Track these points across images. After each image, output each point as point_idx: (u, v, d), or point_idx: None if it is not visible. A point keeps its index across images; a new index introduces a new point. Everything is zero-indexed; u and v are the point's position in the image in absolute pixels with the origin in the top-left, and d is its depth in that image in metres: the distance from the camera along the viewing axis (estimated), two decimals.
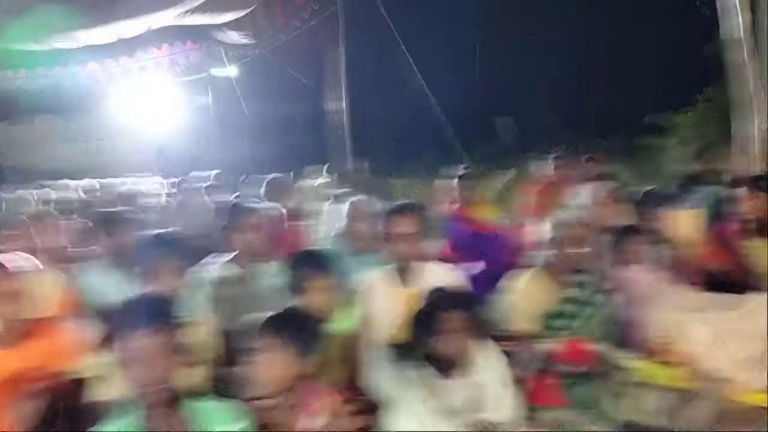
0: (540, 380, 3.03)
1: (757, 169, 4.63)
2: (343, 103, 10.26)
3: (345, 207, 4.59)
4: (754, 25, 5.59)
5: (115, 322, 2.00)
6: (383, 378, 3.06)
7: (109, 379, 2.45)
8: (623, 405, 2.88)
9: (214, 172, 10.52)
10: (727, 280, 3.95)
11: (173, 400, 2.01)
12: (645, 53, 14.71)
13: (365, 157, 12.27)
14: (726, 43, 9.30)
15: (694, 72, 10.25)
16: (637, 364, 3.29)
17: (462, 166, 7.51)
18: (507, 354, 2.84)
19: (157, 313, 2.00)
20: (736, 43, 5.14)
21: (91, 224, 5.60)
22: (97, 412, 2.70)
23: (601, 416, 2.88)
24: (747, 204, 3.94)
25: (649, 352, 3.42)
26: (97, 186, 10.52)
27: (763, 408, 2.97)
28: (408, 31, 10.39)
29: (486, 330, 2.78)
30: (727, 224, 4.28)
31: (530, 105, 16.97)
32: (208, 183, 8.63)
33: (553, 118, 15.90)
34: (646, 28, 14.47)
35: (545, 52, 16.82)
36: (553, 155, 6.69)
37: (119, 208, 5.27)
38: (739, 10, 4.67)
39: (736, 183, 5.19)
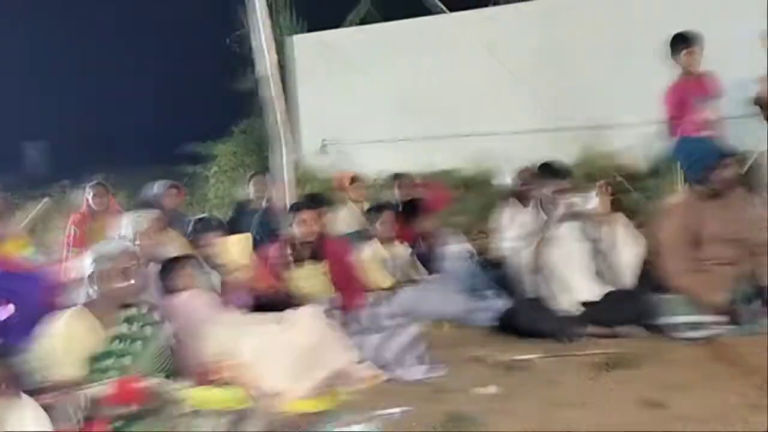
0: (90, 428, 2.73)
1: (290, 196, 5.06)
2: None
3: None
4: (281, 65, 6.20)
5: None
6: None
7: None
8: None
9: None
10: (273, 301, 4.22)
11: None
12: (186, 85, 15.11)
13: None
14: (258, 80, 10.09)
15: (233, 104, 10.91)
16: (190, 393, 3.24)
17: None
18: (48, 407, 2.48)
19: None
20: (266, 81, 5.57)
21: None
22: None
23: None
24: (293, 228, 4.28)
25: (201, 377, 3.42)
26: None
27: (309, 414, 3.22)
28: None
29: (20, 384, 2.37)
30: (271, 248, 4.58)
31: (67, 131, 15.82)
32: None
33: (92, 145, 15.10)
34: (188, 62, 14.90)
35: (87, 77, 15.93)
36: (92, 183, 6.27)
37: None
38: (266, 51, 5.08)
39: (274, 209, 5.63)
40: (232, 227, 6.05)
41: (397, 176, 5.86)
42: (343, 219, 5.73)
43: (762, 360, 3.44)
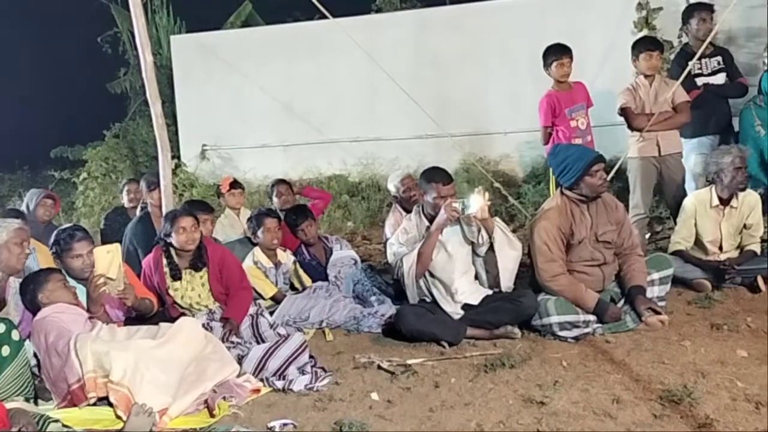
0: None
1: (168, 203, 4.84)
2: None
3: None
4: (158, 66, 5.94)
5: None
6: None
7: None
8: None
9: None
10: (148, 314, 4.01)
11: None
12: (54, 86, 14.18)
13: None
14: (131, 82, 9.62)
15: (105, 107, 10.35)
16: (60, 414, 3.02)
17: None
18: None
19: None
20: (142, 83, 5.32)
21: None
22: None
23: None
24: (171, 236, 4.09)
25: (72, 397, 3.20)
26: None
27: (189, 430, 3.08)
28: None
29: None
30: (147, 258, 4.36)
31: None
32: None
33: None
34: (56, 61, 13.98)
35: None
36: None
37: None
38: (142, 52, 4.84)
39: (150, 217, 5.38)
40: (104, 237, 5.75)
41: (275, 183, 5.78)
42: (222, 226, 5.58)
43: (626, 356, 3.66)
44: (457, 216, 4.03)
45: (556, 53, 5.33)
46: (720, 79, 5.48)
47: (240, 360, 3.65)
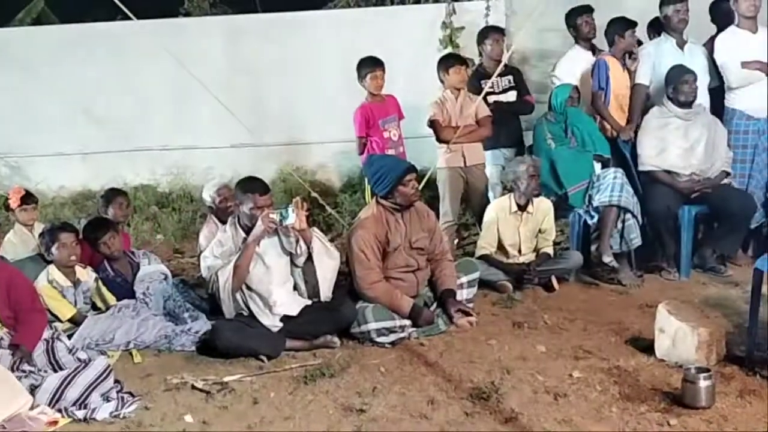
0: None
1: None
2: None
3: None
4: None
5: None
6: None
7: None
8: None
9: None
10: None
11: None
12: None
13: None
14: None
15: None
16: None
17: None
18: None
19: None
20: None
21: None
22: None
23: None
24: None
25: None
26: None
27: None
28: None
29: None
30: None
31: None
32: None
33: None
34: None
35: None
36: None
37: None
38: None
39: None
40: None
41: (112, 193, 5.27)
42: (11, 244, 5.02)
43: (439, 358, 3.81)
44: (274, 227, 3.96)
45: (370, 66, 5.46)
46: (511, 96, 5.88)
47: (33, 390, 3.29)
